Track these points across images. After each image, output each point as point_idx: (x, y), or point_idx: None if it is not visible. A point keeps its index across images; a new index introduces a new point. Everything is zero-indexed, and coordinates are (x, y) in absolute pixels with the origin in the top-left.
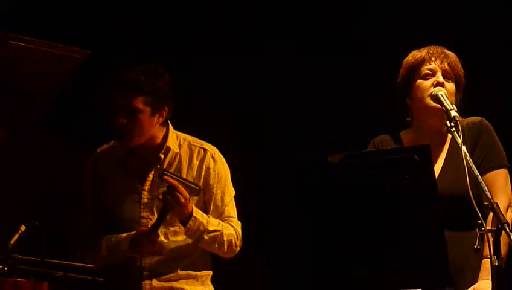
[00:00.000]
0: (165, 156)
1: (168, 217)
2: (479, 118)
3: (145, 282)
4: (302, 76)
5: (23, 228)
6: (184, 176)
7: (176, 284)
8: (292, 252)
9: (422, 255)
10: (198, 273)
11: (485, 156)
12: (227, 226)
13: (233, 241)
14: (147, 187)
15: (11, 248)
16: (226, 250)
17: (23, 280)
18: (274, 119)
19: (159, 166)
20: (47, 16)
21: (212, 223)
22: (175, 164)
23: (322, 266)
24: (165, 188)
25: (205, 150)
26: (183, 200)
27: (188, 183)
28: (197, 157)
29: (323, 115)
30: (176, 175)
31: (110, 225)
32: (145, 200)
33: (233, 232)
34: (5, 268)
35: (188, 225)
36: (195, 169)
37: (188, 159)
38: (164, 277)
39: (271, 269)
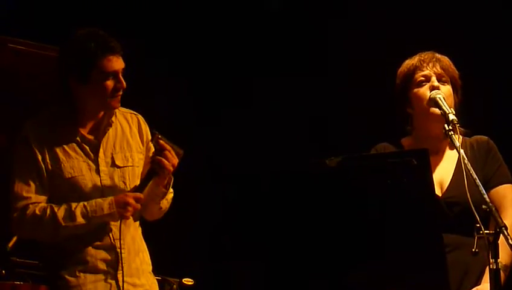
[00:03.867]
0: (113, 122)
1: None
2: (486, 137)
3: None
4: (305, 81)
5: None
6: (131, 141)
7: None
8: (290, 255)
9: (420, 259)
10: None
11: (494, 171)
12: None
13: None
14: (101, 154)
15: (9, 250)
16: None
17: (22, 283)
18: (274, 125)
19: (154, 131)
20: (45, 19)
21: None
22: (119, 129)
23: (319, 269)
24: (128, 154)
25: (135, 114)
26: (176, 163)
27: (175, 147)
28: (132, 122)
29: (324, 122)
30: (165, 139)
31: (67, 197)
32: (103, 167)
33: None
34: (3, 271)
35: (170, 188)
36: (138, 134)
37: (127, 124)
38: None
39: (269, 272)
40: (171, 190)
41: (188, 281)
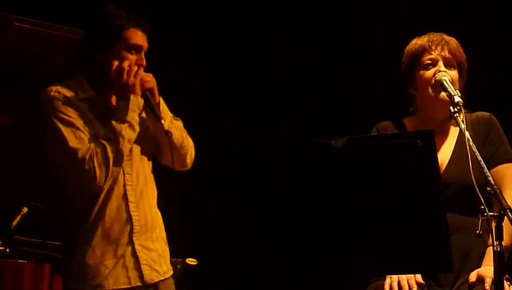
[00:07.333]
0: None
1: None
2: (488, 113)
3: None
4: (307, 59)
5: (25, 209)
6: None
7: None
8: (292, 237)
9: (424, 240)
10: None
11: (495, 149)
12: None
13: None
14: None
15: (13, 229)
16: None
17: (25, 261)
18: (277, 104)
19: None
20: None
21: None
22: None
23: (322, 251)
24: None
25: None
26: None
27: None
28: None
29: (326, 100)
30: None
31: None
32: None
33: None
34: (7, 250)
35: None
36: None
37: None
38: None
39: (269, 253)
40: (176, 120)
41: (191, 261)
